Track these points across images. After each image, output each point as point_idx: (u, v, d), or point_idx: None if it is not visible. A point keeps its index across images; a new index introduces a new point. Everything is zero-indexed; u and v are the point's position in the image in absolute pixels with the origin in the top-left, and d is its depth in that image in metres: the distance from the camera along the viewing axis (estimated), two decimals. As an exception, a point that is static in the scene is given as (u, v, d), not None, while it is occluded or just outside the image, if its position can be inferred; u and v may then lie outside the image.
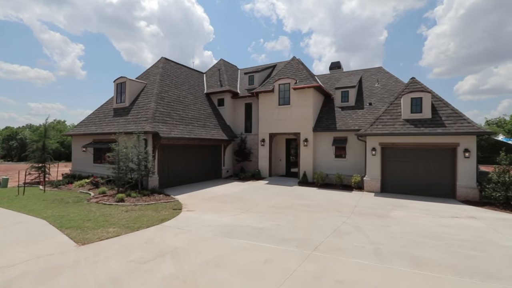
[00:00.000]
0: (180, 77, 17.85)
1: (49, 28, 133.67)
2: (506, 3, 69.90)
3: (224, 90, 18.32)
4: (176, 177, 13.88)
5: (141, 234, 6.28)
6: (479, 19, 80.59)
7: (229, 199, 10.76)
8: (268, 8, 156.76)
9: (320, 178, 14.01)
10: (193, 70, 20.58)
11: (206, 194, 11.71)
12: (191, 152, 14.90)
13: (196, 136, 14.28)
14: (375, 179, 12.45)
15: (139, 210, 8.44)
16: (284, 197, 11.22)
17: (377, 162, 12.46)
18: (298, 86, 15.37)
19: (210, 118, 17.13)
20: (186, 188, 13.20)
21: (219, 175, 17.13)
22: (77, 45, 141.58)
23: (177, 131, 13.36)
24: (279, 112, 16.34)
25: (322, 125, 15.36)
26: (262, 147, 16.92)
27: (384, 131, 12.19)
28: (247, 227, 6.83)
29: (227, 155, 17.80)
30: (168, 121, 13.50)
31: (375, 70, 18.85)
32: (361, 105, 15.76)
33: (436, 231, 6.80)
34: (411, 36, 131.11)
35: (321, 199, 10.91)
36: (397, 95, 13.16)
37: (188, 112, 15.65)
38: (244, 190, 12.87)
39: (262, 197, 11.18)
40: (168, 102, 14.67)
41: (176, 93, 15.97)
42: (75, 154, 16.71)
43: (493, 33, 77.73)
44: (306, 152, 15.40)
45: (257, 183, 14.96)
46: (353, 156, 14.46)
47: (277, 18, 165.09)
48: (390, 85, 16.61)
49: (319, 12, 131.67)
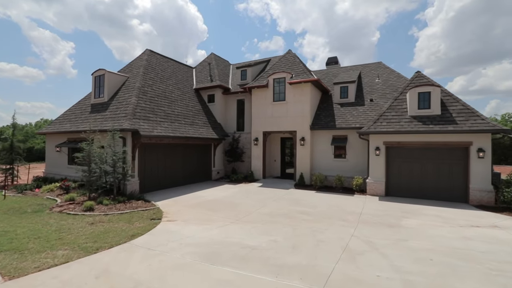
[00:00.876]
0: (166, 71, 16.44)
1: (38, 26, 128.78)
2: (494, 6, 71.04)
3: (214, 85, 17.00)
4: (160, 180, 12.52)
5: (98, 259, 4.89)
6: (468, 21, 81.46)
7: (218, 205, 9.49)
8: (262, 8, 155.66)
9: (318, 180, 12.86)
10: (181, 64, 19.18)
11: (193, 199, 10.41)
12: (177, 152, 13.56)
13: (182, 134, 12.94)
14: (379, 181, 11.36)
15: (109, 221, 7.07)
16: (280, 202, 10.01)
17: (381, 163, 11.38)
18: (294, 81, 14.19)
19: (199, 115, 15.80)
20: (171, 192, 11.85)
21: (209, 177, 15.82)
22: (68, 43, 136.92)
23: (161, 129, 12.01)
24: (273, 109, 15.13)
25: (320, 123, 14.21)
26: (255, 147, 15.68)
27: (389, 129, 11.11)
28: (236, 246, 5.57)
29: (217, 155, 16.50)
30: (151, 117, 12.13)
31: (375, 65, 17.82)
32: (361, 102, 14.68)
33: (463, 247, 5.68)
34: (403, 37, 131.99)
35: (321, 204, 9.75)
36: (402, 89, 12.10)
37: (175, 108, 14.29)
38: (235, 194, 11.61)
39: (255, 202, 9.96)
40: (151, 97, 13.28)
41: (161, 88, 14.59)
42: (49, 155, 15.14)
43: (481, 35, 78.68)
44: (303, 152, 14.24)
45: (250, 185, 13.72)
46: (354, 156, 13.37)
47: (271, 18, 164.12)
48: (391, 81, 15.59)
49: (312, 13, 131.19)
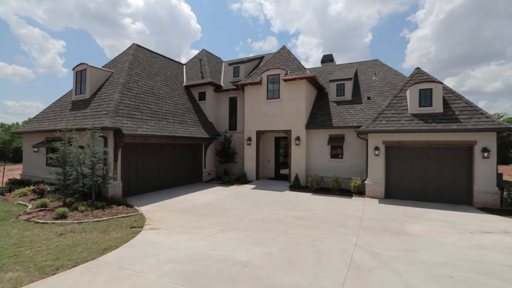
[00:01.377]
0: (154, 67, 15.57)
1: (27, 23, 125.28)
2: (482, 9, 72.27)
3: (205, 83, 16.20)
4: (146, 183, 11.67)
5: (53, 284, 3.98)
6: (458, 24, 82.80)
7: (208, 210, 8.73)
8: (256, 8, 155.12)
9: (314, 182, 12.22)
10: (171, 60, 18.29)
11: (181, 204, 9.62)
12: (165, 152, 12.72)
13: (170, 133, 12.12)
14: (378, 183, 10.78)
15: (81, 231, 6.23)
16: (274, 206, 9.32)
17: (381, 163, 10.81)
18: (289, 77, 13.52)
19: (189, 114, 14.99)
20: (158, 195, 11.02)
21: (199, 178, 15.02)
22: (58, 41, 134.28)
23: (147, 128, 11.18)
24: (267, 107, 14.44)
25: (316, 122, 13.58)
26: (248, 147, 14.95)
27: (389, 127, 10.54)
28: (224, 262, 4.82)
29: (208, 155, 15.71)
30: (135, 115, 11.28)
31: (371, 63, 17.32)
32: (358, 100, 14.12)
33: (481, 259, 5.07)
34: (395, 38, 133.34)
35: (319, 208, 9.09)
36: (402, 87, 11.57)
37: (163, 106, 13.44)
38: (227, 197, 10.87)
39: (247, 206, 9.23)
40: (137, 94, 12.41)
41: (148, 84, 13.72)
42: (26, 155, 14.08)
43: (470, 38, 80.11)
44: (298, 152, 13.58)
45: (242, 187, 12.99)
46: (352, 157, 12.78)
47: (265, 18, 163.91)
48: (389, 78, 15.09)
49: (306, 13, 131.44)
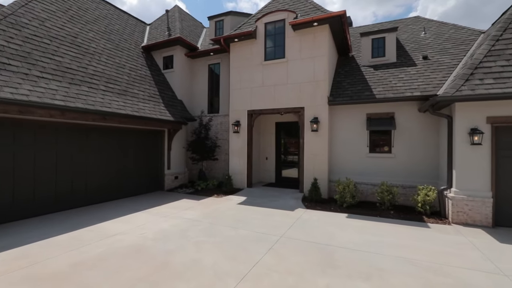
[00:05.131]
0: (89, 11, 10.13)
1: None
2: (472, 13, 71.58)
3: (172, 39, 10.80)
4: (38, 198, 6.22)
5: None
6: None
7: (121, 274, 3.44)
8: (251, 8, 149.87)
9: (348, 194, 7.03)
10: (127, 13, 12.87)
11: (70, 251, 4.30)
12: (90, 141, 7.33)
13: (95, 107, 6.78)
14: (478, 198, 5.65)
15: None
16: (283, 254, 4.05)
17: (484, 160, 5.69)
18: (301, 20, 8.31)
19: (142, 84, 9.63)
20: (51, 224, 5.65)
21: (159, 185, 9.68)
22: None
23: (42, 92, 5.81)
24: (265, 73, 9.20)
25: (346, 93, 8.40)
26: (235, 136, 9.69)
27: (505, 89, 5.43)
28: None
29: (175, 149, 10.35)
30: (14, 66, 5.88)
31: (412, 20, 12.22)
32: (408, 61, 9.00)
33: None
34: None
35: (382, 260, 3.90)
36: (507, 18, 6.46)
37: (90, 64, 8.04)
38: (190, 226, 5.56)
39: (223, 258, 3.97)
40: (34, 36, 6.98)
41: (68, 30, 8.26)
42: None
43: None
44: (316, 142, 8.37)
45: (224, 202, 7.71)
46: (406, 149, 7.64)
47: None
48: (448, 33, 10.02)
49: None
